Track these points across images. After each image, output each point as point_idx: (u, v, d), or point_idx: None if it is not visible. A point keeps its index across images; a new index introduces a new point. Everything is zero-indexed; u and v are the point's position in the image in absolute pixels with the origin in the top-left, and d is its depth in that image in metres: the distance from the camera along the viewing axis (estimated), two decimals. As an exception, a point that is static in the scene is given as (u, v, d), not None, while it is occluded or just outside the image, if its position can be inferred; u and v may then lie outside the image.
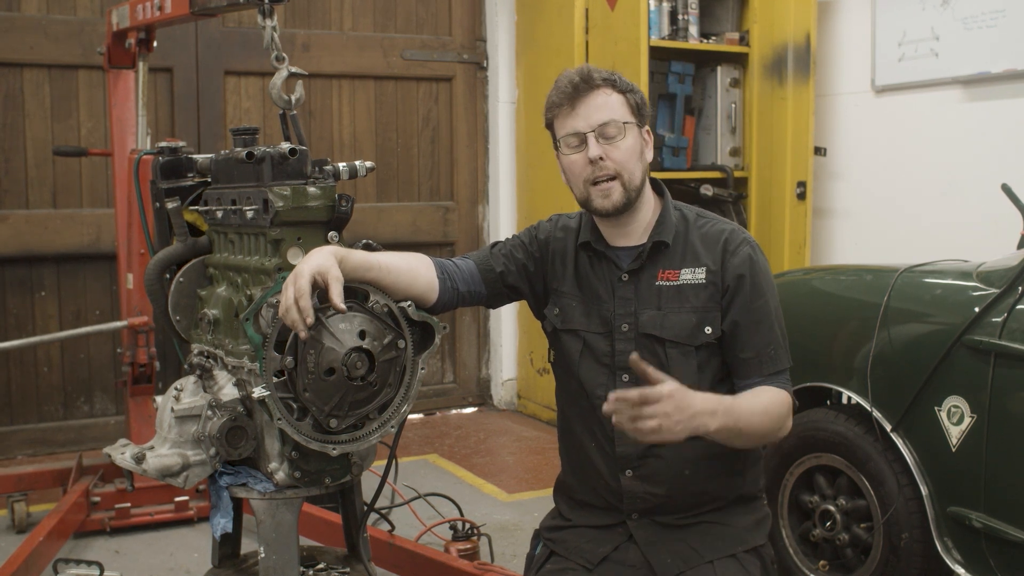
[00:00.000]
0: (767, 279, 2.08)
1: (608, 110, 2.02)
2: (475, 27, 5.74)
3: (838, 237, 5.19)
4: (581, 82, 2.03)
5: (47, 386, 4.87)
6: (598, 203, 2.03)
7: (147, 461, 2.08)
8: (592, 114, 2.01)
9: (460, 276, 2.13)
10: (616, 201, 2.02)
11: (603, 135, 2.01)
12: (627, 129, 2.02)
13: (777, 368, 2.05)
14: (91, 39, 4.69)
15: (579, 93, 2.02)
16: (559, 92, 2.05)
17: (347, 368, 1.89)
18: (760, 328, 2.04)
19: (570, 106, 2.03)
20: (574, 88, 2.03)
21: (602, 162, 2.00)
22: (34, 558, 3.10)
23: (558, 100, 2.05)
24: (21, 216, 4.73)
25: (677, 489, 2.06)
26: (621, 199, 2.02)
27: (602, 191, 2.02)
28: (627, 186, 2.02)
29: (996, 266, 2.69)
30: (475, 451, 4.96)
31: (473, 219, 5.82)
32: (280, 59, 2.23)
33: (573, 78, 2.04)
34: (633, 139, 2.03)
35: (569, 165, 2.05)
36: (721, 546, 2.05)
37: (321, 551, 2.45)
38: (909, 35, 4.68)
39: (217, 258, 2.26)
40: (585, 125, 2.01)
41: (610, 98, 2.03)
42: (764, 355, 2.04)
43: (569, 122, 2.04)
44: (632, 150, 2.03)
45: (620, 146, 2.01)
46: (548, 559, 2.16)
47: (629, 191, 2.03)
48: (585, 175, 2.03)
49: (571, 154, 2.04)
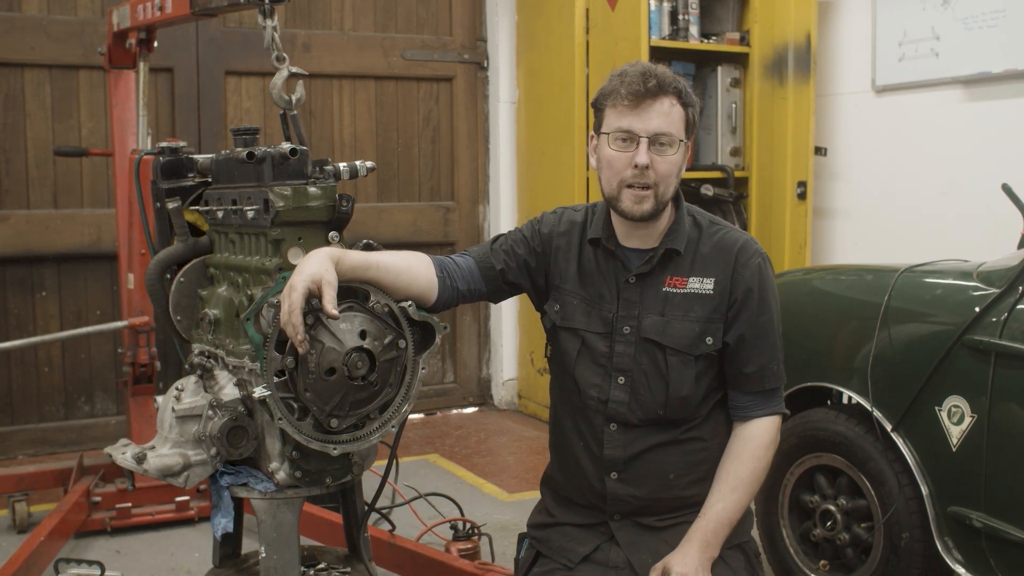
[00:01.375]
0: (773, 293, 2.08)
1: (669, 121, 1.97)
2: (475, 27, 5.74)
3: (838, 237, 5.19)
4: (655, 84, 1.96)
5: (48, 386, 4.87)
6: (627, 206, 2.00)
7: (148, 461, 2.08)
8: (653, 119, 1.96)
9: (460, 274, 2.12)
10: (646, 210, 2.00)
11: (656, 144, 1.97)
12: (679, 145, 1.99)
13: (775, 384, 2.08)
14: (92, 39, 4.69)
15: (648, 94, 1.96)
16: (627, 84, 1.97)
17: (348, 368, 1.89)
18: (764, 343, 2.05)
19: (633, 102, 1.96)
20: (645, 87, 1.95)
21: (647, 171, 1.96)
22: (35, 558, 3.10)
23: (624, 92, 1.97)
24: (22, 216, 4.73)
25: (661, 493, 2.07)
26: (651, 209, 2.00)
27: (636, 196, 1.98)
28: (660, 198, 2.00)
29: (996, 266, 2.69)
30: (476, 451, 4.96)
31: (474, 219, 5.82)
32: (281, 59, 2.23)
33: (647, 76, 1.96)
34: (681, 155, 2.00)
35: (610, 160, 2.00)
36: None
37: (322, 551, 2.45)
38: (909, 35, 4.68)
39: (218, 258, 2.26)
40: (643, 128, 1.96)
41: (674, 109, 1.98)
42: (766, 370, 2.06)
43: (627, 118, 1.97)
44: (676, 165, 2.00)
45: (668, 159, 1.98)
46: (535, 562, 2.17)
47: (660, 203, 2.00)
48: (624, 175, 1.98)
49: (617, 150, 1.99)
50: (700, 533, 1.99)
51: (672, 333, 2.04)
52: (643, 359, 2.05)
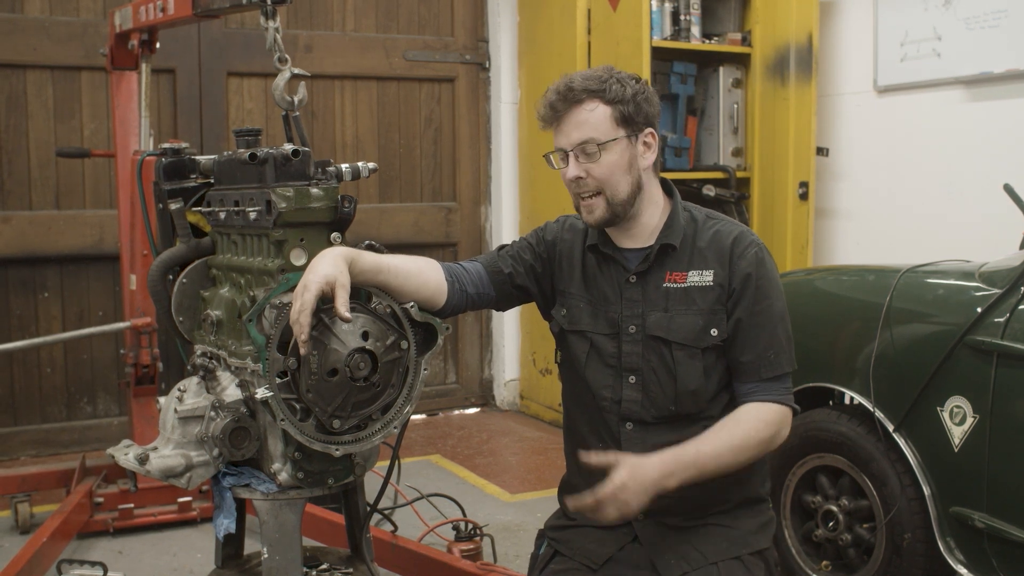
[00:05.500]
0: (773, 282, 2.07)
1: (588, 127, 1.99)
2: (477, 28, 5.75)
3: (840, 237, 5.19)
4: (559, 99, 2.00)
5: (50, 387, 4.88)
6: (585, 217, 2.06)
7: (150, 462, 2.08)
8: (571, 132, 2.00)
9: (468, 278, 2.13)
10: (599, 217, 2.03)
11: (583, 153, 2.00)
12: (608, 145, 1.99)
13: (776, 373, 2.04)
14: (94, 40, 4.69)
15: (557, 111, 2.00)
16: (544, 105, 2.03)
17: (350, 369, 1.90)
18: (762, 331, 2.04)
19: (553, 119, 2.02)
20: (554, 104, 2.00)
21: (582, 180, 2.00)
22: (38, 559, 3.10)
23: (543, 112, 2.04)
24: (24, 217, 4.73)
25: (683, 491, 2.06)
26: (604, 214, 2.02)
27: (586, 207, 2.03)
28: (611, 200, 2.01)
29: (998, 266, 2.69)
30: (478, 452, 4.96)
31: (475, 220, 5.83)
32: (283, 60, 2.24)
33: (557, 91, 2.01)
34: (617, 154, 2.00)
35: (562, 178, 2.05)
36: (726, 548, 2.05)
37: (324, 552, 2.46)
38: (911, 35, 4.67)
39: (220, 259, 2.26)
40: (566, 142, 2.01)
41: (593, 113, 1.99)
42: (763, 359, 2.04)
43: (555, 138, 2.04)
44: (615, 165, 2.00)
45: (601, 163, 1.99)
46: (552, 559, 2.16)
47: (614, 205, 2.02)
48: (572, 190, 2.04)
49: (560, 168, 2.04)
50: (670, 459, 1.91)
51: (677, 328, 2.04)
52: (651, 356, 2.05)
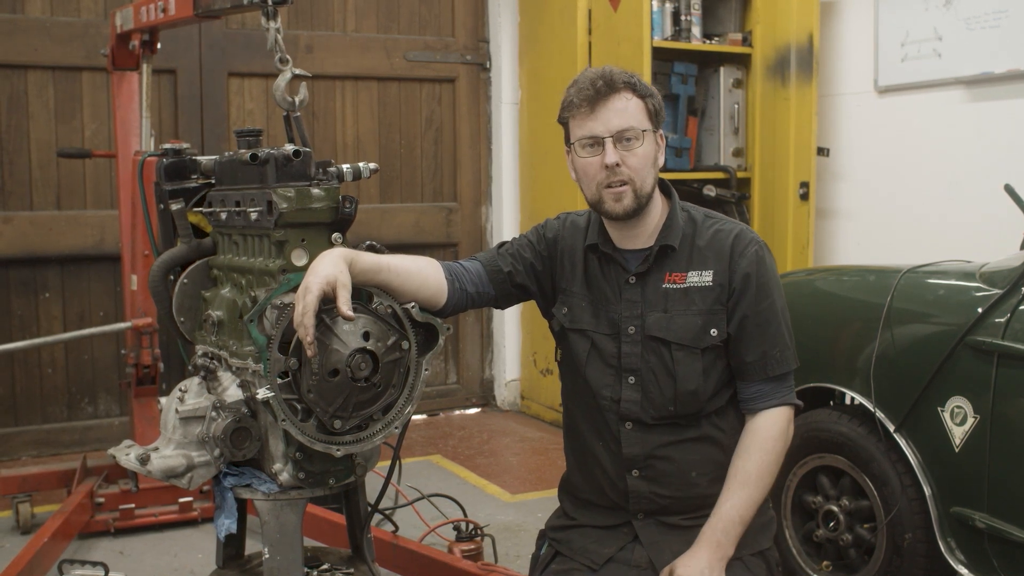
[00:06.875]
0: (774, 280, 2.08)
1: (628, 116, 2.00)
2: (478, 28, 5.75)
3: (841, 237, 5.19)
4: (604, 85, 1.99)
5: (51, 387, 4.88)
6: (609, 206, 2.03)
7: (151, 462, 2.08)
8: (612, 119, 1.99)
9: (468, 277, 2.13)
10: (627, 206, 2.02)
11: (621, 141, 2.00)
12: (644, 136, 2.01)
13: (782, 370, 2.06)
14: (95, 41, 4.70)
15: (600, 96, 2.00)
16: (579, 93, 2.02)
17: (351, 369, 1.90)
18: (766, 330, 2.04)
19: (589, 108, 2.00)
20: (595, 91, 2.00)
21: (618, 168, 1.99)
22: (39, 559, 3.10)
23: (577, 101, 2.02)
24: (25, 217, 4.74)
25: (683, 491, 2.06)
26: (632, 204, 2.02)
27: (614, 194, 2.01)
28: (639, 192, 2.02)
29: (999, 267, 2.69)
30: (478, 452, 4.96)
31: (476, 220, 5.83)
32: (284, 61, 2.24)
33: (595, 80, 2.00)
34: (649, 146, 2.02)
35: (583, 167, 2.04)
36: None
37: (325, 552, 2.46)
38: (912, 35, 4.67)
39: (221, 260, 2.26)
40: (604, 130, 2.00)
41: (630, 103, 2.01)
42: (769, 358, 2.05)
43: (587, 124, 2.01)
44: (647, 157, 2.02)
45: (637, 153, 2.00)
46: (553, 559, 2.16)
47: (640, 197, 2.02)
48: (599, 179, 2.02)
49: (586, 157, 2.03)
50: (710, 533, 1.98)
51: (676, 328, 2.04)
52: (650, 357, 2.05)
